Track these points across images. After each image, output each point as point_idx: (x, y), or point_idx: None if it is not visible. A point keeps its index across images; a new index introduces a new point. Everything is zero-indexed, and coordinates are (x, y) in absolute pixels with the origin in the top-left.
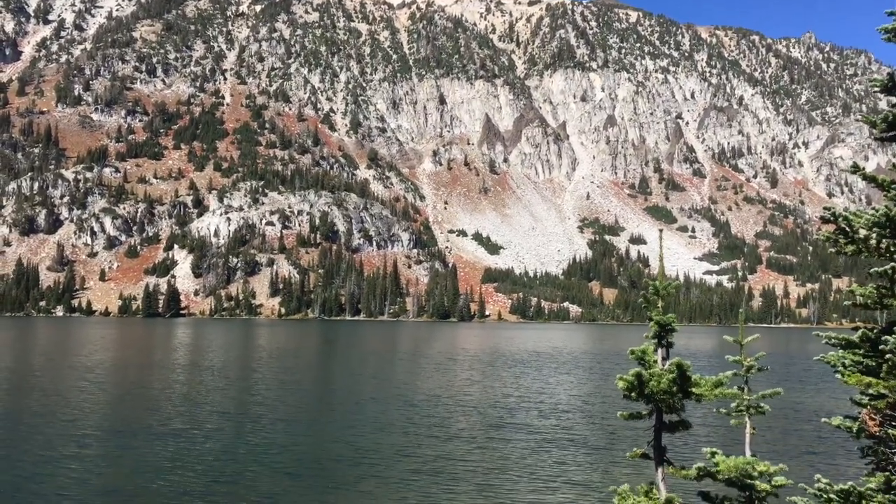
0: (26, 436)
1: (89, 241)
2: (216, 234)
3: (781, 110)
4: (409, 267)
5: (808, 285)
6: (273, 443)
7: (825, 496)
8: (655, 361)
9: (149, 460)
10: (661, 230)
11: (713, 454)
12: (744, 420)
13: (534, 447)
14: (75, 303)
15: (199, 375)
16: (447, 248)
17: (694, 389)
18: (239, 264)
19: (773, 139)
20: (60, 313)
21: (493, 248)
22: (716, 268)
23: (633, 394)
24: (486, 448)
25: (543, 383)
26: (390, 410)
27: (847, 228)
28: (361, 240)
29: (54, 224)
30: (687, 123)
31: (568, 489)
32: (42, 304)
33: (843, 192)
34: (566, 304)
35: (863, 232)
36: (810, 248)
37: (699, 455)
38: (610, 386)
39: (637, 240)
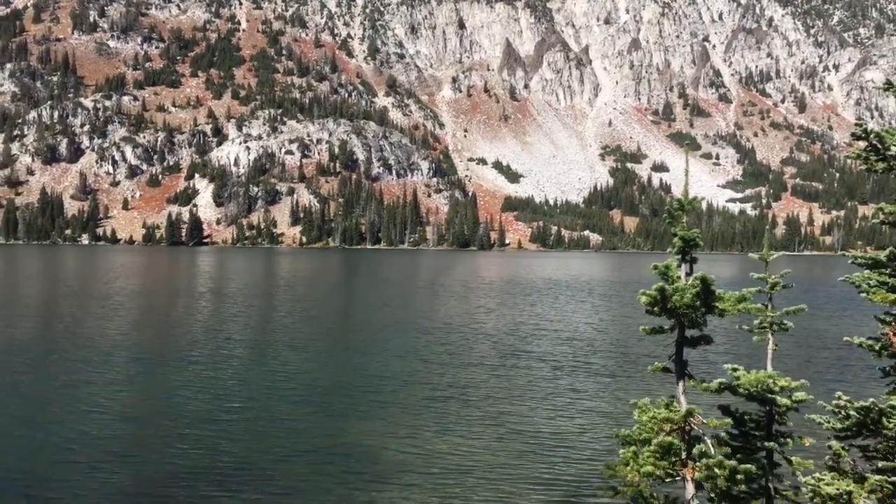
0: (47, 361)
1: (111, 170)
2: (236, 162)
3: (812, 32)
4: (429, 196)
5: (834, 212)
6: (289, 369)
7: (844, 412)
8: (679, 277)
9: (165, 386)
10: (686, 143)
11: (734, 369)
12: (766, 336)
13: (549, 374)
14: (100, 231)
15: (220, 303)
16: (467, 176)
17: (717, 304)
18: (259, 193)
19: (803, 62)
20: (86, 242)
21: (514, 177)
22: (739, 195)
23: (655, 308)
24: (501, 375)
25: (560, 311)
26: (406, 338)
27: (878, 145)
28: (381, 168)
29: (76, 153)
30: (714, 46)
31: (582, 414)
32: (68, 232)
33: (872, 117)
34: (586, 232)
35: (894, 149)
36: (837, 174)
37: (720, 371)
38: (628, 314)
39: (659, 167)
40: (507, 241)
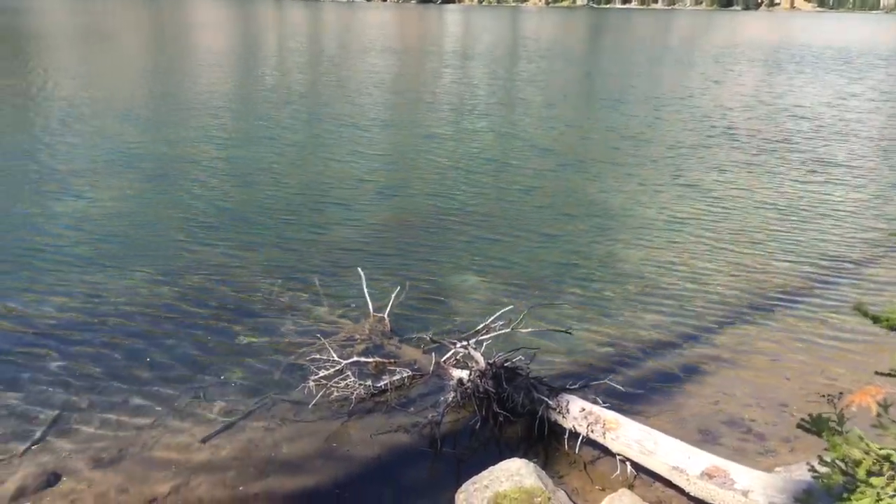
0: (323, 114)
1: None
2: None
3: None
4: None
5: None
6: (525, 128)
7: None
8: None
9: (416, 133)
10: None
11: None
12: None
13: (797, 155)
14: None
15: (466, 62)
16: None
17: None
18: None
19: None
20: None
21: None
22: None
23: None
24: (744, 149)
25: (834, 90)
26: (640, 103)
27: None
28: None
29: None
30: None
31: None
32: None
33: None
34: None
35: None
36: None
37: None
38: None
39: None
40: (776, 0)
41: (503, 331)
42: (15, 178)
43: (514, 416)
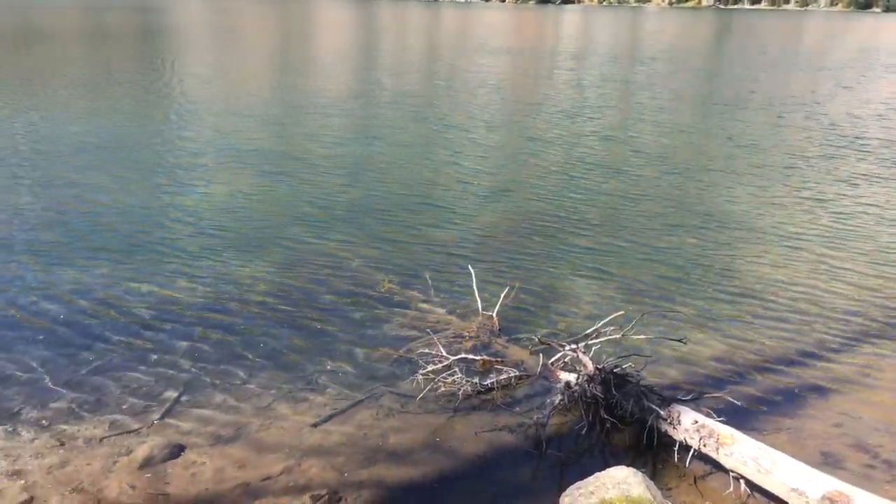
0: (431, 112)
1: None
2: None
3: None
4: None
5: None
6: (638, 137)
7: None
8: None
9: (529, 133)
10: None
11: None
12: None
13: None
14: None
15: (580, 63)
16: None
17: None
18: None
19: None
20: None
21: None
22: None
23: None
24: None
25: None
26: (759, 114)
27: None
28: None
29: None
30: None
31: None
32: None
33: None
34: None
35: None
36: None
37: None
38: None
39: None
40: None
41: (613, 336)
42: (139, 171)
43: (621, 423)
